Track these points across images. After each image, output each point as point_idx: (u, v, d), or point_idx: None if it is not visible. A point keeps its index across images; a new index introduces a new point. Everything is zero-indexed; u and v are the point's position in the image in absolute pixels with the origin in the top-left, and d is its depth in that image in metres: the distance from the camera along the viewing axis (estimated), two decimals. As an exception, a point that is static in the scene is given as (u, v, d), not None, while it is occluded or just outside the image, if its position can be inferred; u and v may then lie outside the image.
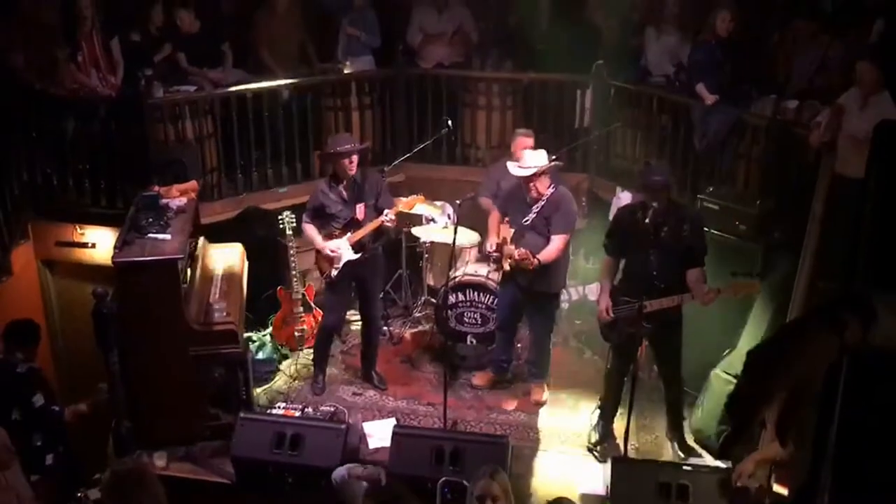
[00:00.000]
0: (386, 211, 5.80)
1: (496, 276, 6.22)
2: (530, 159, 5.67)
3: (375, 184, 5.92)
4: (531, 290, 5.79)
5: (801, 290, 5.08)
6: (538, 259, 5.51)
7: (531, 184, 5.62)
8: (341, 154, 5.68)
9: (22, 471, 4.26)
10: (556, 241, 5.62)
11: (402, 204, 5.96)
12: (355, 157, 5.73)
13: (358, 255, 5.84)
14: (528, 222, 5.69)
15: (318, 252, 5.94)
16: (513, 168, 5.77)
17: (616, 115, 7.26)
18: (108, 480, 3.45)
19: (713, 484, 4.42)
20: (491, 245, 5.88)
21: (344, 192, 5.83)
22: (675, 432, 5.56)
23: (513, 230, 5.79)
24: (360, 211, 5.83)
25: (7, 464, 3.86)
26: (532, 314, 6.05)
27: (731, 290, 4.94)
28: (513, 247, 5.66)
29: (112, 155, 6.45)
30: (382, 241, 6.14)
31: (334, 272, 5.89)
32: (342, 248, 5.83)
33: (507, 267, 5.74)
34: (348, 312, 6.82)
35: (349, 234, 5.83)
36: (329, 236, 5.88)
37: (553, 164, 5.65)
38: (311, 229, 5.92)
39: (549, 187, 5.66)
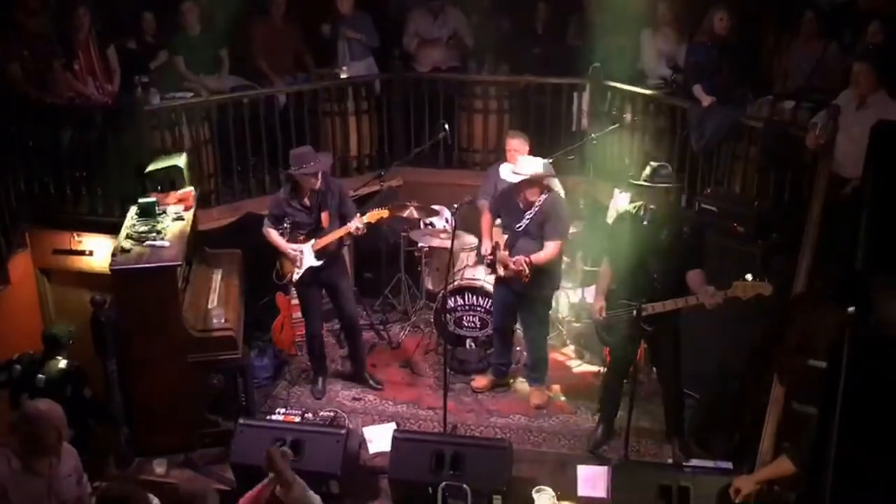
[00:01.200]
0: (354, 220, 5.80)
1: (493, 279, 6.23)
2: (524, 166, 5.67)
3: (337, 191, 5.93)
4: (523, 294, 5.80)
5: (800, 290, 5.07)
6: (530, 260, 5.52)
7: (521, 191, 5.63)
8: (308, 176, 5.69)
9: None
10: (550, 248, 5.62)
11: (368, 216, 5.94)
12: (320, 173, 5.76)
13: (320, 262, 5.87)
14: (521, 228, 5.69)
15: (282, 255, 5.96)
16: (504, 172, 5.77)
17: (613, 118, 7.27)
18: (98, 499, 3.49)
19: (714, 486, 4.41)
20: (486, 249, 5.88)
21: (307, 201, 5.85)
22: (676, 434, 5.55)
23: (506, 235, 5.80)
24: (324, 219, 5.85)
25: (53, 448, 3.84)
26: (525, 317, 6.05)
27: (739, 290, 4.77)
28: (506, 253, 5.67)
29: (109, 163, 6.44)
30: (345, 245, 6.16)
31: (296, 276, 5.91)
32: (305, 253, 5.86)
33: (501, 273, 5.75)
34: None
35: (313, 240, 5.86)
36: (293, 241, 5.90)
37: (543, 175, 5.63)
38: (273, 233, 5.94)
39: (540, 194, 5.66)
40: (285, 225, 5.88)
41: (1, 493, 3.66)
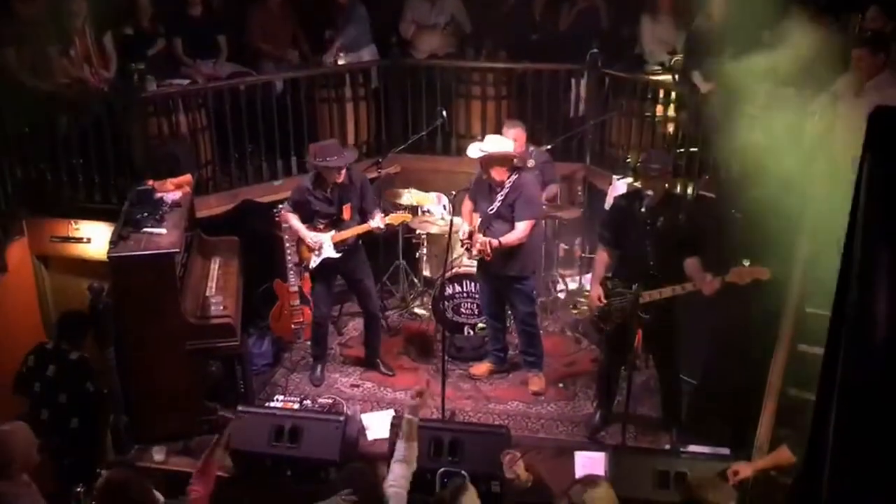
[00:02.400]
0: (377, 218, 5.84)
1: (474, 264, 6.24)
2: (489, 143, 5.67)
3: (360, 184, 5.94)
4: (502, 276, 5.82)
5: (799, 276, 5.08)
6: (498, 241, 5.56)
7: (487, 169, 5.63)
8: (330, 169, 5.70)
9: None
10: (520, 227, 5.64)
11: (391, 217, 5.97)
12: (344, 169, 5.76)
13: (339, 255, 5.89)
14: (493, 210, 5.72)
15: (301, 240, 5.99)
16: (470, 149, 5.78)
17: (611, 104, 7.25)
18: (100, 487, 3.50)
19: (711, 472, 4.42)
20: (463, 233, 5.89)
21: (329, 193, 5.85)
22: (673, 420, 5.57)
23: (480, 219, 5.81)
24: (346, 211, 5.87)
25: (31, 465, 3.84)
26: (510, 300, 6.07)
27: (737, 276, 4.77)
28: (480, 235, 5.69)
29: (105, 149, 6.43)
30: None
31: (313, 263, 5.92)
32: (325, 243, 5.87)
33: (474, 255, 5.77)
34: (346, 305, 6.87)
35: (333, 231, 5.87)
36: (312, 229, 5.92)
37: (505, 153, 5.62)
38: (293, 218, 5.97)
39: (509, 175, 5.66)
40: (317, 213, 5.90)
41: None
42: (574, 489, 3.44)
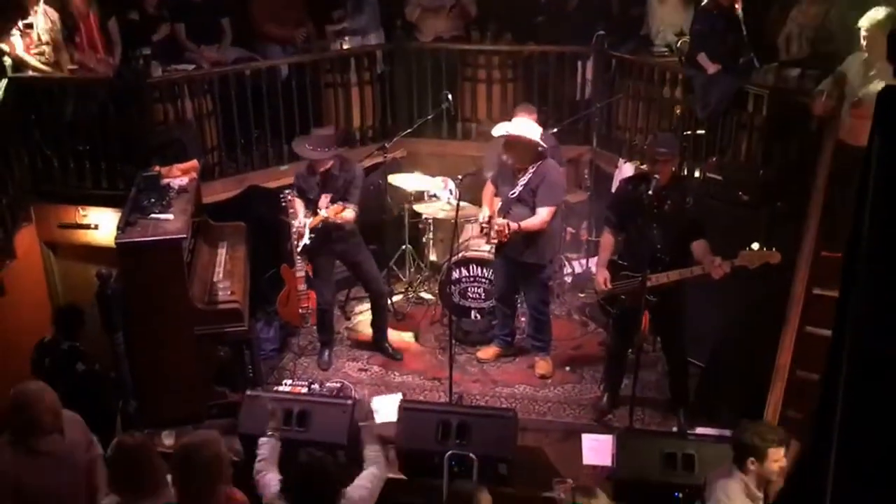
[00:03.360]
0: (325, 210, 5.78)
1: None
2: (515, 126, 5.64)
3: (349, 179, 5.91)
4: (519, 262, 5.81)
5: (805, 259, 5.07)
6: (518, 225, 5.52)
7: (508, 152, 5.61)
8: (305, 157, 5.80)
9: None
10: (541, 213, 5.60)
11: (329, 210, 5.85)
12: (328, 162, 5.79)
13: (307, 242, 5.87)
14: (514, 195, 5.68)
15: None
16: (495, 129, 5.76)
17: (617, 87, 7.22)
18: (113, 452, 3.57)
19: (719, 453, 4.44)
20: (483, 217, 5.87)
21: (319, 179, 5.88)
22: (680, 403, 5.57)
23: (500, 202, 5.79)
24: (322, 199, 5.85)
25: (53, 428, 3.87)
26: (524, 286, 6.06)
27: (747, 259, 4.75)
28: (499, 218, 5.67)
29: (111, 136, 6.43)
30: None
31: (299, 247, 5.94)
32: (305, 228, 5.89)
33: (492, 240, 5.76)
34: (353, 290, 6.88)
35: (311, 218, 5.90)
36: (311, 215, 5.93)
37: (527, 140, 5.58)
38: (297, 203, 5.98)
39: (533, 161, 5.62)
40: (310, 201, 5.94)
41: (11, 483, 3.67)
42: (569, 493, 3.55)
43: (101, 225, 6.50)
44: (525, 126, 5.65)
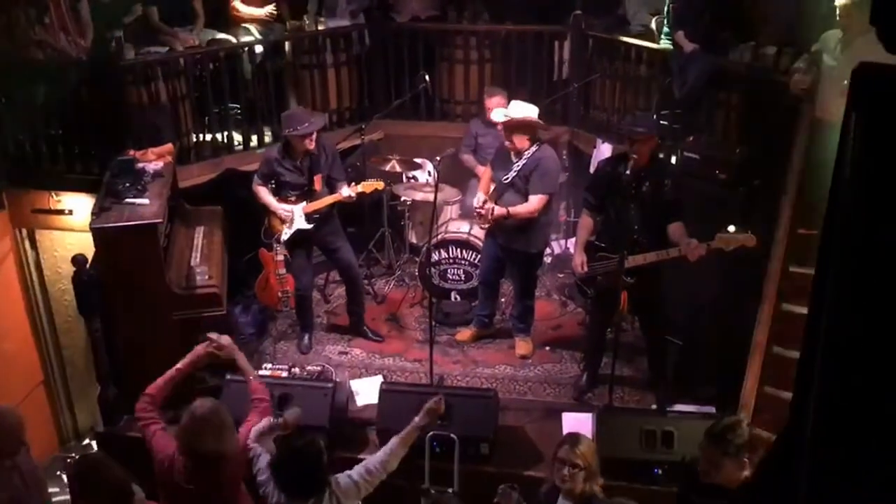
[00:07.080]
0: (347, 188, 5.80)
1: (479, 232, 6.22)
2: (515, 109, 5.62)
3: (331, 154, 5.89)
4: (509, 249, 5.80)
5: (782, 236, 5.11)
6: (507, 211, 5.51)
7: (509, 136, 5.58)
8: (301, 137, 5.64)
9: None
10: (532, 201, 5.57)
11: (363, 185, 5.92)
12: (315, 134, 5.69)
13: (311, 226, 5.86)
14: (507, 180, 5.65)
15: (272, 212, 5.94)
16: (494, 114, 5.73)
17: (595, 66, 7.21)
18: (72, 469, 3.57)
19: (697, 430, 4.48)
20: (477, 201, 5.85)
21: (299, 163, 5.81)
22: (659, 381, 5.62)
23: (493, 187, 5.78)
24: (317, 182, 5.82)
25: (14, 451, 3.84)
26: (512, 272, 6.06)
27: (723, 242, 4.76)
28: (491, 204, 5.65)
29: (85, 119, 6.33)
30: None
31: (285, 235, 5.90)
32: (296, 214, 5.85)
33: (483, 225, 5.76)
34: (332, 273, 6.85)
35: (305, 202, 5.84)
36: (283, 201, 5.88)
37: (531, 121, 5.57)
38: (262, 191, 5.92)
39: (530, 145, 5.60)
40: (271, 184, 5.85)
41: None
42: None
43: (76, 210, 6.42)
44: (523, 108, 5.63)
